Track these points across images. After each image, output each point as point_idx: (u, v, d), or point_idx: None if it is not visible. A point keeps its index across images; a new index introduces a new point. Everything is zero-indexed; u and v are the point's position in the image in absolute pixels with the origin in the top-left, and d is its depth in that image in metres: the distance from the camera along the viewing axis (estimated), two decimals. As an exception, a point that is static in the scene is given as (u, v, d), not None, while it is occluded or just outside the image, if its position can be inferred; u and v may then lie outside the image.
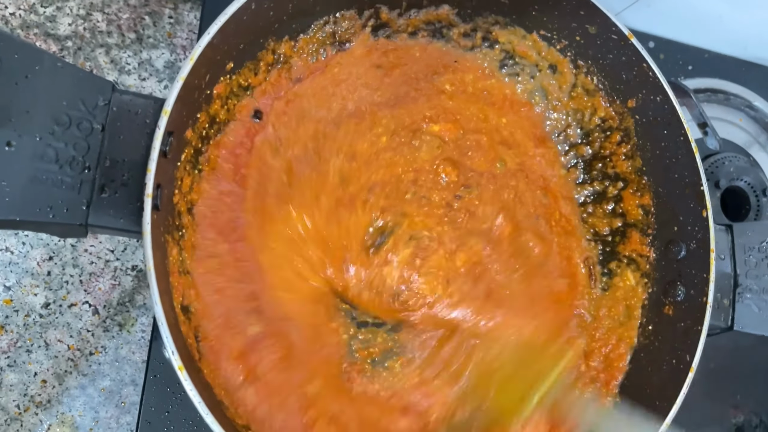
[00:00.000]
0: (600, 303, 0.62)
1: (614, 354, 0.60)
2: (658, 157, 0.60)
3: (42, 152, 0.39)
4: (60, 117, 0.40)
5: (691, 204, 0.57)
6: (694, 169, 0.57)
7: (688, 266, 0.57)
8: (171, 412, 0.58)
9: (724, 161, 0.78)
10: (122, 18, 0.76)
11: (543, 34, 0.61)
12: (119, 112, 0.42)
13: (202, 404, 0.40)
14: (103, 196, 0.42)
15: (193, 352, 0.45)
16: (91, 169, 0.41)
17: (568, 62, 0.62)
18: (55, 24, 0.74)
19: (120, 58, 0.75)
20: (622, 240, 0.63)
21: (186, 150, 0.48)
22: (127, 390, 0.70)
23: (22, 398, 0.67)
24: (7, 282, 0.69)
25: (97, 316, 0.71)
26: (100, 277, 0.71)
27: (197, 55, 0.43)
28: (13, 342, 0.68)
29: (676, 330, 0.57)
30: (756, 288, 0.58)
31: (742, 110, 0.84)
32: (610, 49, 0.59)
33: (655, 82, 0.58)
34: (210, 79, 0.49)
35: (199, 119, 0.49)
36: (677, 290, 0.58)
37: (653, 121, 0.59)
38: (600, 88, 0.62)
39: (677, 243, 0.59)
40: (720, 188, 0.77)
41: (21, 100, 0.38)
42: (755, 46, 0.85)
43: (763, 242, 0.59)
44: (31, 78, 0.39)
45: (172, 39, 0.78)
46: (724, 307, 0.58)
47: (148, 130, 0.43)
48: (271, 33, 0.53)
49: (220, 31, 0.45)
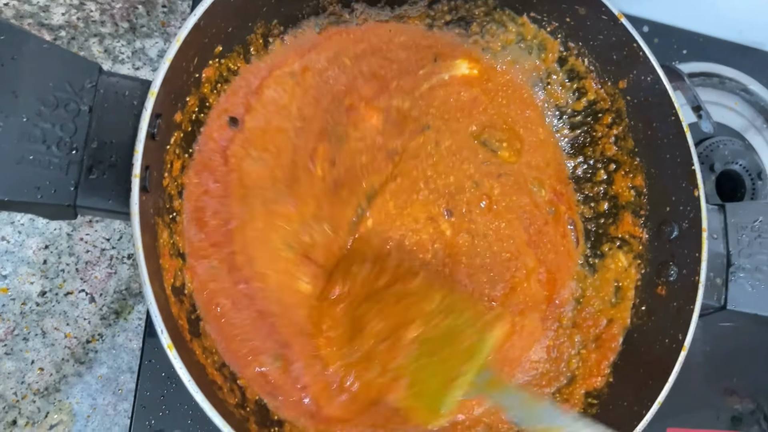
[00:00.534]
0: (588, 284, 0.62)
1: (607, 334, 0.60)
2: (649, 138, 0.60)
3: (29, 133, 0.39)
4: (47, 98, 0.40)
5: (683, 184, 0.57)
6: (686, 149, 0.57)
7: (681, 246, 0.57)
8: (166, 396, 0.58)
9: (719, 145, 0.78)
10: (115, 7, 0.77)
11: (533, 16, 0.61)
12: (106, 94, 0.43)
13: (191, 382, 0.40)
14: (91, 177, 0.42)
15: (184, 333, 0.45)
16: (79, 150, 0.41)
17: (558, 44, 0.62)
18: (48, 14, 0.74)
19: (114, 47, 0.76)
20: (615, 222, 0.63)
21: (175, 133, 0.49)
22: (124, 377, 0.71)
23: (19, 386, 0.68)
24: (4, 271, 0.69)
25: (93, 304, 0.71)
26: (96, 265, 0.72)
27: (183, 37, 0.43)
28: (10, 330, 0.68)
29: (669, 310, 0.57)
30: (749, 267, 0.58)
31: (737, 94, 0.83)
32: (600, 30, 0.59)
33: (645, 62, 0.58)
34: (198, 63, 0.49)
35: (188, 103, 0.49)
36: (670, 270, 0.58)
37: (644, 101, 0.59)
38: (591, 70, 0.62)
39: (670, 223, 0.59)
40: (715, 171, 0.77)
41: (7, 81, 0.39)
42: (750, 30, 0.85)
43: (756, 221, 0.59)
44: (18, 59, 0.39)
45: (166, 28, 0.78)
46: (717, 286, 0.58)
47: (135, 112, 0.43)
48: (260, 16, 0.53)
49: (207, 13, 0.45)
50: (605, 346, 0.59)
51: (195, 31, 0.44)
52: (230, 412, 0.45)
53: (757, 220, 0.59)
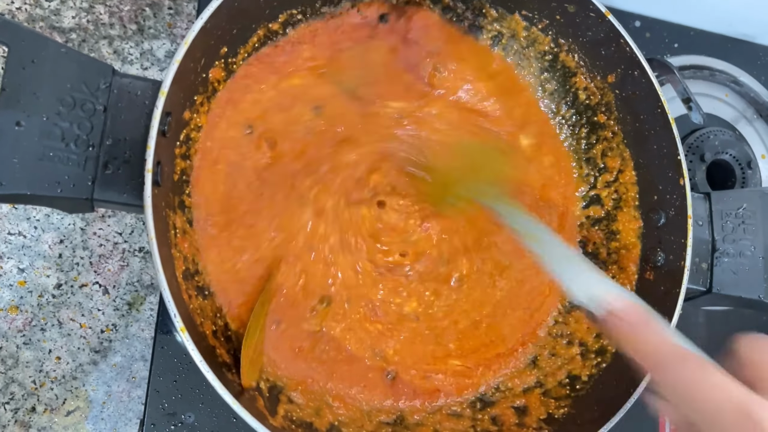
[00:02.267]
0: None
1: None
2: (637, 130, 0.63)
3: (49, 131, 0.42)
4: (65, 98, 0.43)
5: (669, 173, 0.60)
6: (672, 140, 0.59)
7: (668, 233, 0.60)
8: (178, 381, 0.61)
9: (709, 135, 0.80)
10: (124, 10, 0.80)
11: (525, 14, 0.64)
12: (120, 94, 0.45)
13: (203, 362, 0.43)
14: (107, 172, 0.45)
15: (194, 317, 0.48)
16: (95, 147, 0.44)
17: (549, 41, 0.65)
18: (59, 17, 0.77)
19: (122, 48, 0.79)
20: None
21: (184, 130, 0.52)
22: (138, 365, 0.74)
23: (37, 374, 0.71)
24: (21, 264, 0.72)
25: (107, 295, 0.74)
26: (109, 258, 0.75)
27: (191, 39, 0.46)
28: (28, 321, 0.71)
29: (656, 294, 0.59)
30: (733, 252, 0.60)
31: (728, 86, 0.86)
32: (589, 27, 0.61)
33: (632, 58, 0.60)
34: (205, 63, 0.52)
35: (196, 101, 0.52)
36: (657, 256, 0.60)
37: (632, 95, 0.62)
38: (581, 65, 0.65)
39: (657, 211, 0.61)
40: (705, 161, 0.79)
41: (28, 83, 0.42)
42: (740, 23, 0.87)
43: (739, 208, 0.61)
44: (37, 63, 0.42)
45: (173, 29, 0.81)
46: (703, 270, 0.60)
47: (147, 111, 0.46)
48: (263, 18, 0.56)
49: (213, 16, 0.47)
50: (593, 330, 0.61)
51: (202, 34, 0.47)
52: (239, 391, 0.48)
53: (741, 207, 0.61)
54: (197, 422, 0.60)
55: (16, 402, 0.70)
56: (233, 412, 0.44)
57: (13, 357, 0.70)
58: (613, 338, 0.45)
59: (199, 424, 0.60)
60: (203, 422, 0.60)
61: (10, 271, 0.72)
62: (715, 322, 0.81)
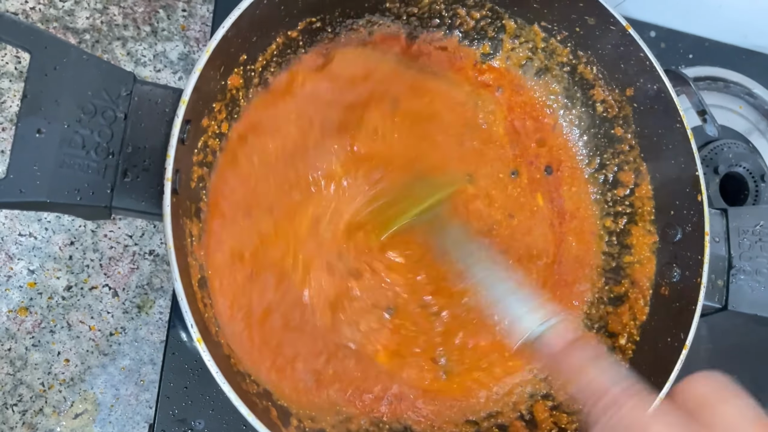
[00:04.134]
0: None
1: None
2: (655, 144, 0.62)
3: (70, 139, 0.42)
4: (86, 106, 0.42)
5: (687, 189, 0.59)
6: (690, 155, 0.59)
7: (684, 249, 0.60)
8: (189, 387, 0.61)
9: (723, 148, 0.80)
10: (137, 11, 0.79)
11: (544, 25, 0.64)
12: (140, 102, 0.45)
13: (219, 374, 0.42)
14: (126, 180, 0.44)
15: (210, 326, 0.48)
16: (115, 154, 0.44)
17: (568, 53, 0.64)
18: (73, 18, 0.77)
19: (136, 50, 0.78)
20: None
21: (202, 138, 0.51)
22: (146, 369, 0.73)
23: (46, 376, 0.70)
24: (31, 266, 0.72)
25: (116, 298, 0.74)
26: (119, 261, 0.74)
27: (213, 48, 0.45)
28: (37, 323, 0.71)
29: (671, 310, 0.59)
30: (749, 269, 0.60)
31: (742, 98, 0.85)
32: (609, 40, 0.61)
33: (652, 71, 0.60)
34: (224, 71, 0.52)
35: (214, 109, 0.52)
36: (673, 272, 0.60)
37: (650, 109, 0.62)
38: (599, 78, 0.64)
39: (673, 226, 0.61)
40: (719, 174, 0.79)
41: (50, 90, 0.41)
42: (755, 35, 0.87)
43: (757, 225, 0.61)
44: (59, 69, 0.42)
45: (186, 32, 0.80)
46: (719, 287, 0.60)
47: (167, 119, 0.46)
48: (282, 26, 0.56)
49: (234, 25, 0.47)
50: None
51: (223, 42, 0.47)
52: (254, 402, 0.48)
53: (758, 225, 0.61)
54: (207, 429, 0.60)
55: (24, 404, 0.69)
56: (244, 420, 0.43)
57: (21, 359, 0.70)
58: (555, 373, 0.45)
59: (209, 430, 0.60)
60: (213, 429, 0.60)
61: (21, 272, 0.71)
62: (720, 335, 0.81)
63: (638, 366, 0.59)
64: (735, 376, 0.81)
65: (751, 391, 0.82)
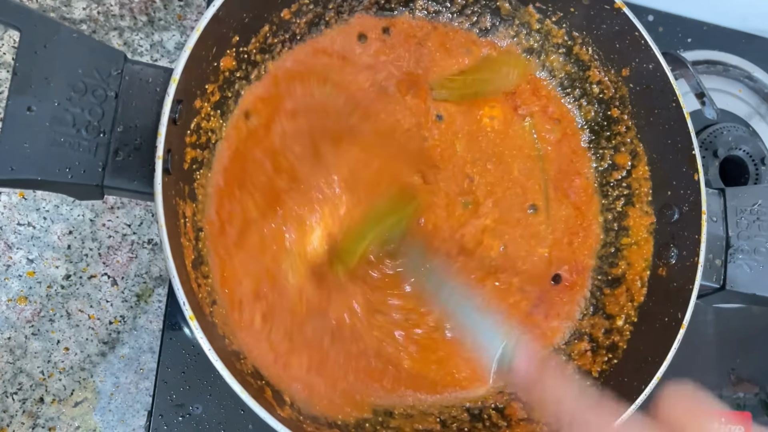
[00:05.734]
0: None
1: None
2: (651, 124, 0.62)
3: (60, 117, 0.42)
4: (76, 84, 0.43)
5: (683, 168, 0.59)
6: (686, 135, 0.59)
7: (681, 229, 0.59)
8: (186, 372, 0.61)
9: (723, 131, 0.79)
10: (134, 1, 0.79)
11: (539, 6, 0.63)
12: (131, 81, 0.45)
13: (211, 351, 0.42)
14: (117, 159, 0.44)
15: (204, 307, 0.48)
16: (106, 133, 0.44)
17: (563, 34, 0.64)
18: (70, 8, 0.77)
19: (133, 40, 0.78)
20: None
21: (195, 119, 0.51)
22: (145, 357, 0.73)
23: (46, 365, 0.71)
24: (30, 255, 0.72)
25: (115, 287, 0.74)
26: (117, 250, 0.75)
27: (203, 26, 0.45)
28: (36, 312, 0.71)
29: (669, 290, 0.59)
30: (747, 248, 0.60)
31: (742, 81, 0.85)
32: (603, 20, 0.61)
33: (647, 50, 0.59)
34: (217, 52, 0.52)
35: (207, 90, 0.52)
36: (670, 252, 0.60)
37: (646, 88, 0.61)
38: (595, 59, 0.64)
39: (670, 207, 0.61)
40: (718, 157, 0.78)
41: (40, 68, 0.41)
42: (754, 18, 0.86)
43: (755, 204, 0.61)
44: (49, 47, 0.42)
45: (182, 21, 0.80)
46: (717, 267, 0.60)
47: (158, 98, 0.46)
48: (275, 7, 0.56)
49: (225, 4, 0.47)
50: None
51: (214, 21, 0.47)
52: (248, 381, 0.48)
53: (756, 204, 0.60)
54: (205, 413, 0.60)
55: (24, 392, 0.70)
56: (241, 403, 0.43)
57: (21, 347, 0.70)
58: (525, 394, 0.45)
59: (207, 415, 0.60)
60: (211, 413, 0.60)
61: (19, 261, 0.72)
62: (724, 319, 0.80)
63: (636, 347, 0.59)
64: (737, 360, 0.81)
65: (757, 378, 0.82)
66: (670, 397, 0.34)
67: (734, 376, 0.80)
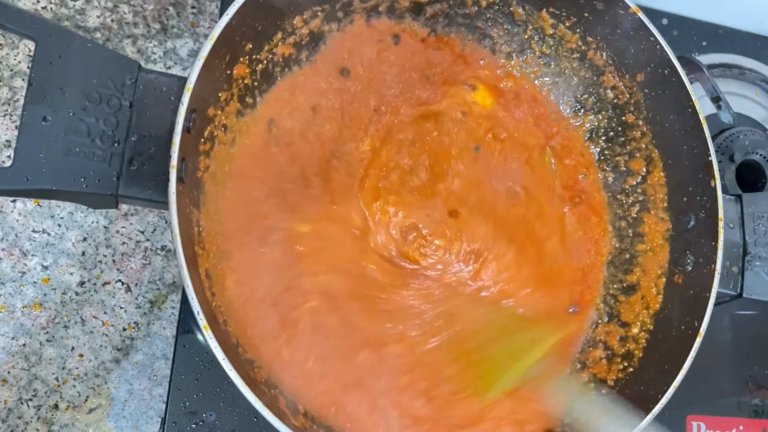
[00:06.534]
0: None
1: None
2: (667, 130, 0.61)
3: (75, 126, 0.42)
4: (91, 94, 0.43)
5: (699, 175, 0.58)
6: (702, 140, 0.58)
7: (698, 236, 0.59)
8: (200, 380, 0.61)
9: (739, 135, 0.78)
10: (147, 9, 0.80)
11: (552, 11, 0.63)
12: (145, 90, 0.45)
13: (225, 360, 0.42)
14: (131, 168, 0.44)
15: (217, 315, 0.48)
16: (120, 142, 0.44)
17: (577, 39, 0.64)
18: (84, 16, 0.78)
19: (146, 47, 0.79)
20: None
21: (209, 127, 0.51)
22: (159, 363, 0.74)
23: (60, 371, 0.71)
24: (45, 262, 0.72)
25: (129, 293, 0.74)
26: (131, 257, 0.75)
27: (216, 35, 0.46)
28: (51, 318, 0.72)
29: (685, 298, 0.58)
30: (765, 255, 0.59)
31: (758, 85, 0.84)
32: (618, 24, 0.60)
33: (662, 56, 0.59)
34: (230, 60, 0.52)
35: (220, 98, 0.52)
36: (687, 259, 0.59)
37: (662, 94, 0.61)
38: (609, 64, 0.63)
39: (686, 213, 0.60)
40: (735, 162, 0.77)
41: (55, 78, 0.42)
42: (770, 21, 0.85)
43: (772, 211, 0.60)
44: (64, 57, 0.42)
45: (195, 28, 0.81)
46: (734, 274, 0.59)
47: (172, 107, 0.46)
48: (288, 15, 0.56)
49: (238, 13, 0.47)
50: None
51: (227, 30, 0.47)
52: (262, 390, 0.47)
53: (774, 210, 0.60)
54: (218, 421, 0.60)
55: (38, 399, 0.70)
56: (254, 411, 0.43)
57: (36, 354, 0.71)
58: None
59: (220, 422, 0.60)
60: (224, 421, 0.60)
61: (34, 268, 0.72)
62: (741, 325, 0.79)
63: (652, 355, 0.58)
64: (755, 368, 0.80)
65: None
66: None
67: (752, 383, 0.79)
